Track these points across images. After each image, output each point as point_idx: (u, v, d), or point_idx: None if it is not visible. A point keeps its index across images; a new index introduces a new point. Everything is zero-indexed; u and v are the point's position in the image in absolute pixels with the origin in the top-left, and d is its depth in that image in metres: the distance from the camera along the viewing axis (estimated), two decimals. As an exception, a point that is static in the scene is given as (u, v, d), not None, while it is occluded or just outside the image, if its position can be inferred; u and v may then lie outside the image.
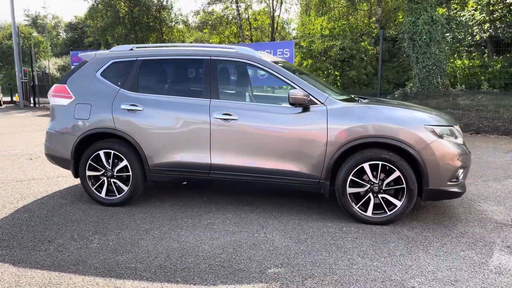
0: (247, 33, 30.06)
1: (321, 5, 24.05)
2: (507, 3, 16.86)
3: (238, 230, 3.60)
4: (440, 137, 3.58)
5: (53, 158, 4.49)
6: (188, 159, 4.03)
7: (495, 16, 17.68)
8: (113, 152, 4.15)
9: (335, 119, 3.70)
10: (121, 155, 4.13)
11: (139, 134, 4.08)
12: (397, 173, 3.58)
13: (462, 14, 18.20)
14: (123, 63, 4.31)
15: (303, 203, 4.33)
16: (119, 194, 4.22)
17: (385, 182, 3.63)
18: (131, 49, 4.39)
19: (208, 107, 3.95)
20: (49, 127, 4.45)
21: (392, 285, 2.65)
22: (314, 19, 24.68)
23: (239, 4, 28.49)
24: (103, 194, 4.25)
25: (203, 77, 4.11)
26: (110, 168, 4.19)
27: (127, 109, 4.11)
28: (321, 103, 3.77)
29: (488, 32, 17.25)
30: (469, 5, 18.18)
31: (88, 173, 4.24)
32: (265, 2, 29.93)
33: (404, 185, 3.59)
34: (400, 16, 21.00)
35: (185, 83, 4.41)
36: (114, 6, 27.13)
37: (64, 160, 4.34)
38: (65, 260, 3.02)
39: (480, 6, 17.70)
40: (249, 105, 4.16)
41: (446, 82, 12.42)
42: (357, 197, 3.73)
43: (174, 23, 29.76)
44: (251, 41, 28.33)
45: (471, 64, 14.96)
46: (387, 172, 3.63)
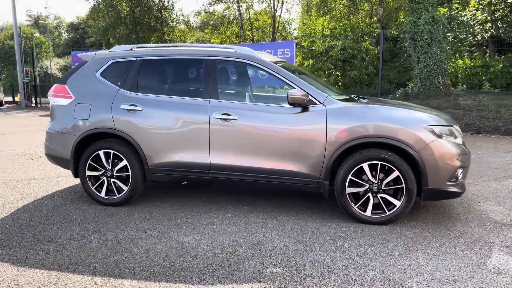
0: (248, 33, 30.05)
1: (322, 5, 24.02)
2: (509, 3, 16.81)
3: (237, 230, 3.61)
4: (439, 137, 3.58)
5: (53, 158, 4.51)
6: (188, 159, 4.04)
7: (497, 16, 17.63)
8: (113, 152, 4.16)
9: (334, 119, 3.70)
10: (121, 155, 4.14)
11: (139, 134, 4.09)
12: (396, 173, 3.58)
13: (464, 14, 18.16)
14: (123, 63, 4.32)
15: (303, 203, 4.33)
16: (119, 194, 4.23)
17: (384, 182, 3.63)
18: (131, 49, 4.40)
19: (208, 107, 3.96)
20: (49, 127, 4.47)
21: (390, 285, 2.65)
22: (315, 19, 24.66)
23: (240, 4, 28.48)
24: (103, 194, 4.26)
25: (203, 77, 4.12)
26: (110, 168, 4.20)
27: (127, 109, 4.12)
28: (320, 103, 3.77)
29: (490, 32, 17.22)
30: (471, 5, 18.14)
31: (88, 173, 4.25)
32: (266, 2, 29.93)
33: (403, 185, 3.59)
34: (402, 16, 20.97)
35: (185, 83, 4.41)
36: (116, 7, 27.14)
37: (64, 160, 4.36)
38: (64, 260, 3.03)
39: (482, 6, 17.67)
40: (249, 105, 4.17)
41: (448, 82, 12.40)
42: (356, 197, 3.73)
43: (176, 23, 29.76)
44: (252, 41, 28.33)
45: (473, 64, 14.93)
46: (386, 172, 3.63)
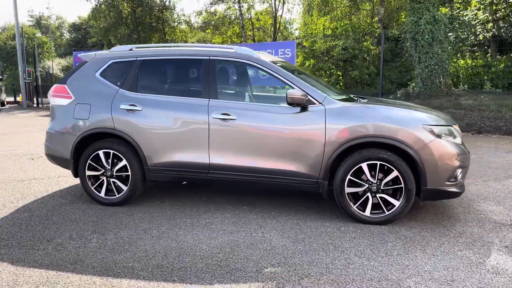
0: (250, 33, 30.05)
1: (324, 5, 23.98)
2: (511, 3, 16.76)
3: (236, 230, 3.61)
4: (439, 137, 3.57)
5: (53, 158, 4.52)
6: (187, 159, 4.05)
7: (498, 16, 17.57)
8: (113, 152, 4.17)
9: (334, 119, 3.70)
10: (121, 155, 4.15)
11: (138, 134, 4.10)
12: (395, 173, 3.57)
13: (465, 14, 18.11)
14: (123, 63, 4.33)
15: (302, 203, 4.33)
16: (118, 194, 4.24)
17: (383, 182, 3.62)
18: (131, 49, 4.40)
19: (207, 107, 3.96)
20: (49, 127, 4.48)
21: (388, 285, 2.65)
22: (317, 19, 24.67)
23: (242, 4, 28.50)
24: (103, 194, 4.27)
25: (202, 77, 4.12)
26: (110, 168, 4.21)
27: (126, 109, 4.13)
28: (319, 103, 3.77)
29: (491, 32, 17.16)
30: (472, 5, 18.09)
31: (88, 173, 4.26)
32: (268, 2, 29.93)
33: (402, 185, 3.58)
34: (403, 16, 20.93)
35: (184, 83, 4.42)
36: (117, 7, 27.17)
37: (64, 160, 4.37)
38: (63, 259, 3.04)
39: (483, 6, 17.61)
40: (248, 105, 4.17)
41: (449, 82, 12.38)
42: (355, 197, 3.73)
43: (177, 24, 29.80)
44: (254, 41, 28.32)
45: (474, 64, 14.90)
46: (385, 172, 3.62)
